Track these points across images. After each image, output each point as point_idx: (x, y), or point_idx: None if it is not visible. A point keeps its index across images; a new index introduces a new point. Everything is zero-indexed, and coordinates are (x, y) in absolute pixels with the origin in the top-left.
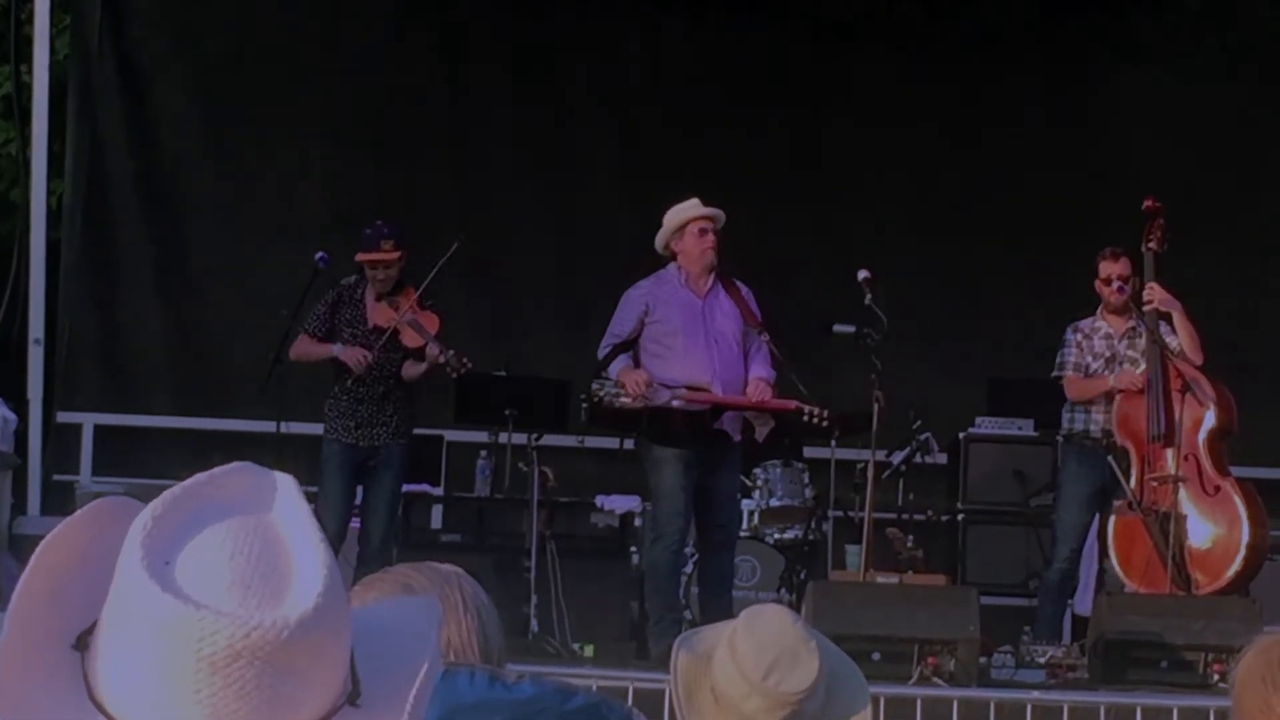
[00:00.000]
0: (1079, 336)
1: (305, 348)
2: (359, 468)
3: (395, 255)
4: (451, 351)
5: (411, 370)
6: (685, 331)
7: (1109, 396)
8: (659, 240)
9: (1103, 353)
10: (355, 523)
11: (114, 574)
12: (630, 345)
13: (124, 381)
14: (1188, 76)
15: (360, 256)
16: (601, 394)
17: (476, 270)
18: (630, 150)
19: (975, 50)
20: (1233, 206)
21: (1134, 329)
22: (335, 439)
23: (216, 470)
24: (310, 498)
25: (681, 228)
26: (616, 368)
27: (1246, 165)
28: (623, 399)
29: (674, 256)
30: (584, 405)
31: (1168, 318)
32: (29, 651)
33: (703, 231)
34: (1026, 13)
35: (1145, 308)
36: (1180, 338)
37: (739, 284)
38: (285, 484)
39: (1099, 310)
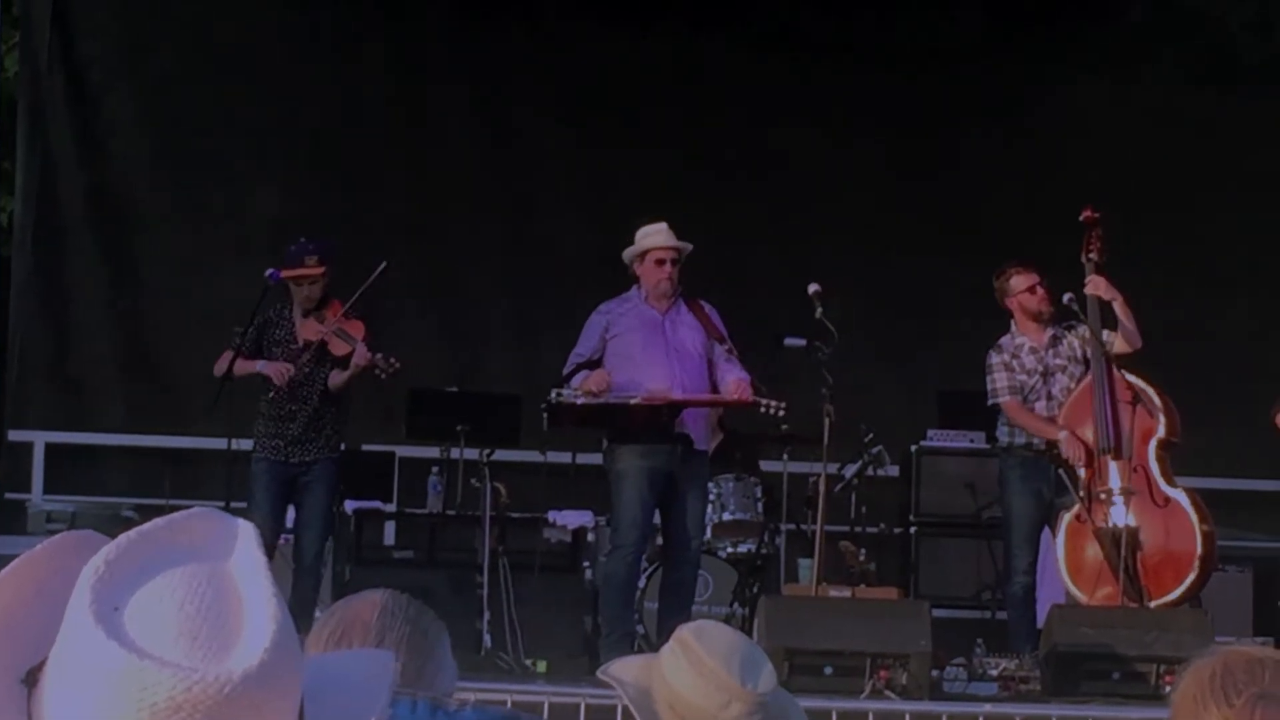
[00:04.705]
0: (1004, 357)
1: (228, 363)
2: (289, 484)
3: (319, 270)
4: (379, 354)
5: (336, 379)
6: (645, 343)
7: (1049, 402)
8: (626, 255)
9: (1035, 368)
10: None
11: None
12: (594, 365)
13: (76, 399)
14: (1138, 88)
15: (285, 273)
16: (560, 397)
17: (428, 286)
18: (582, 165)
19: (926, 63)
20: (1182, 218)
21: (1055, 336)
22: (264, 456)
23: (176, 515)
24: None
25: (643, 254)
26: (578, 380)
27: (1196, 177)
28: (580, 397)
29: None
30: (544, 411)
31: (1105, 311)
32: None
33: (660, 263)
34: (977, 26)
35: (1088, 290)
36: (1122, 322)
37: (703, 303)
38: (246, 532)
39: (1013, 326)
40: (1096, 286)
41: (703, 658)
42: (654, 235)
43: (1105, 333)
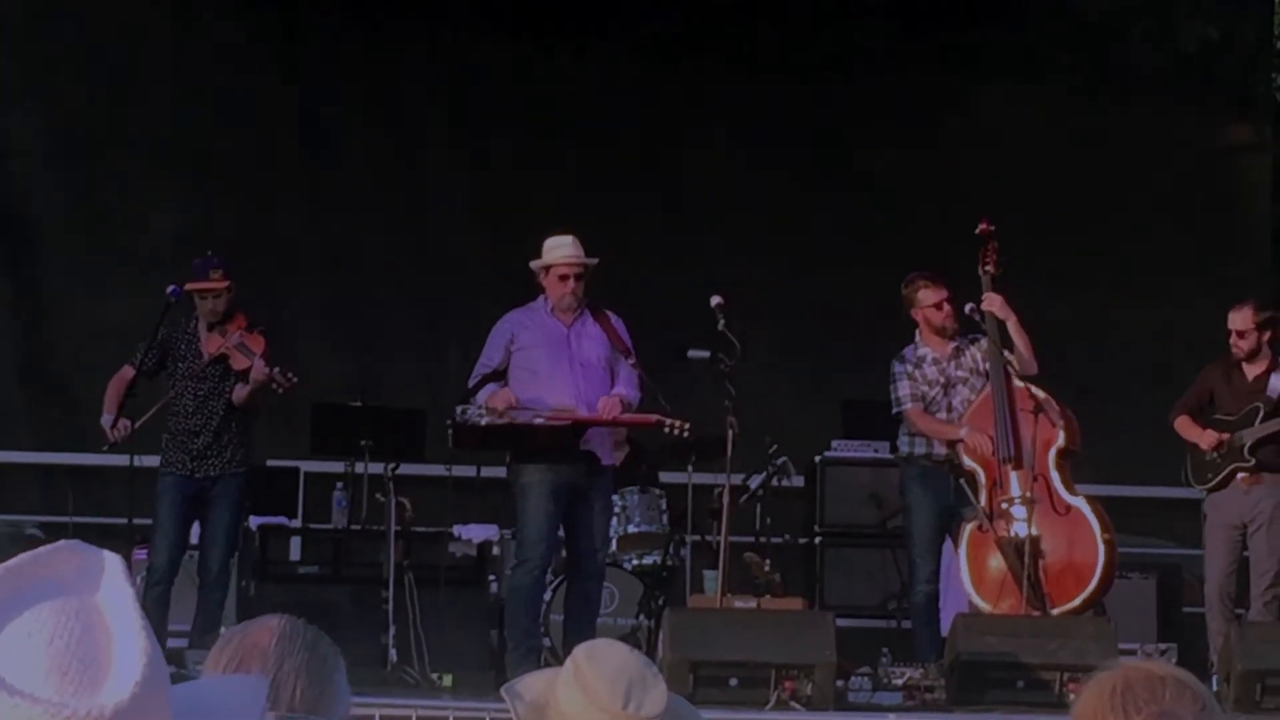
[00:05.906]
0: (908, 367)
1: (114, 387)
2: (195, 500)
3: (224, 285)
4: (275, 368)
5: (240, 394)
6: (549, 357)
7: (950, 414)
8: (532, 265)
9: (937, 379)
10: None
11: None
12: (500, 375)
13: None
14: (1040, 98)
15: (189, 286)
16: (465, 416)
17: (331, 300)
18: (484, 178)
19: (830, 75)
20: (1086, 226)
21: (958, 348)
22: (170, 472)
23: (43, 549)
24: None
25: (547, 268)
26: (484, 395)
27: (1100, 184)
28: (485, 418)
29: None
30: (449, 429)
31: (1003, 327)
32: None
33: (563, 278)
34: (882, 35)
35: (984, 306)
36: (1017, 346)
37: (610, 314)
38: (112, 564)
39: (917, 337)
40: (992, 304)
41: (588, 678)
42: (558, 249)
43: (1005, 352)
